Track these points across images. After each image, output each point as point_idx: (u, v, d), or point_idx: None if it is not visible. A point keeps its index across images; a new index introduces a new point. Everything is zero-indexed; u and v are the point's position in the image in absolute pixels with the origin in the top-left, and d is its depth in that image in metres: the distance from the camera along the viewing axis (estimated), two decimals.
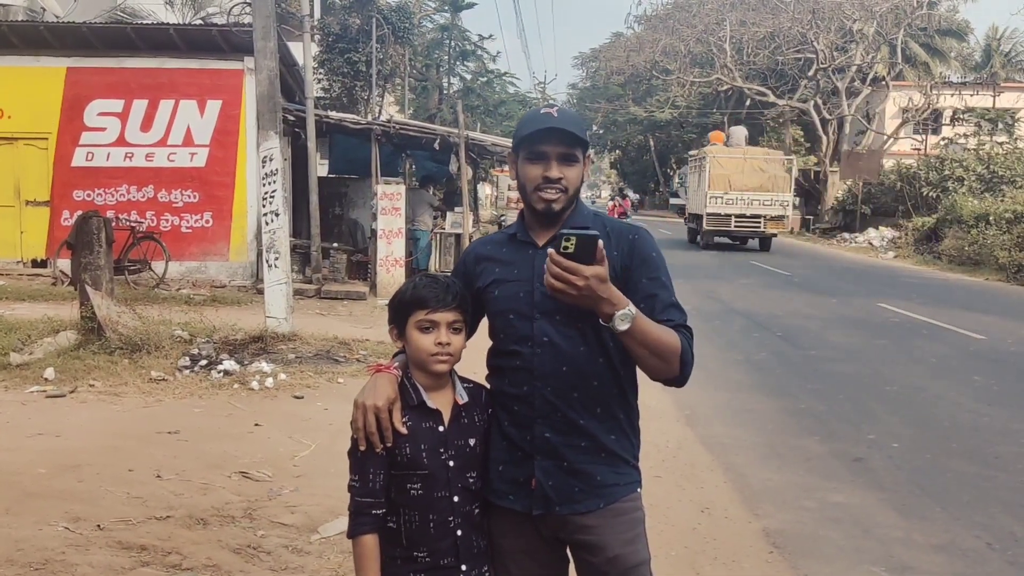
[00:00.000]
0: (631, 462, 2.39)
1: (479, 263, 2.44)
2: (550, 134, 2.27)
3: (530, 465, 2.30)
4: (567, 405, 2.28)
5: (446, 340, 2.28)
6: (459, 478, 2.31)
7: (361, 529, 2.27)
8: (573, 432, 2.29)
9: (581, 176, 2.34)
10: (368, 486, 2.26)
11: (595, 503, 2.30)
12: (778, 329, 12.06)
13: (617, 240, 2.34)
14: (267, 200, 9.58)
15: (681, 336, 2.25)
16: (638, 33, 52.53)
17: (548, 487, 2.29)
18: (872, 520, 5.13)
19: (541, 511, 2.30)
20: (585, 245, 2.02)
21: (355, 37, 22.18)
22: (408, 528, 2.28)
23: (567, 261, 2.01)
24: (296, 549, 4.36)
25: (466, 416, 2.35)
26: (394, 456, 2.26)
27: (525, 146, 2.32)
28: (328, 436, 6.27)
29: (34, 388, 7.33)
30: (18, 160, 14.41)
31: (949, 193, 27.95)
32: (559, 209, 2.31)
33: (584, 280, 2.01)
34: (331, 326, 10.59)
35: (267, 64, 9.64)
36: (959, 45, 46.31)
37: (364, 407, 2.23)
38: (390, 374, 2.32)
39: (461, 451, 2.32)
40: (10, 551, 4.13)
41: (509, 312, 2.33)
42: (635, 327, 2.11)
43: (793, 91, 41.14)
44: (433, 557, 2.29)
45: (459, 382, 2.40)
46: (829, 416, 7.51)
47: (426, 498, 2.27)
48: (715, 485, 5.67)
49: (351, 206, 17.53)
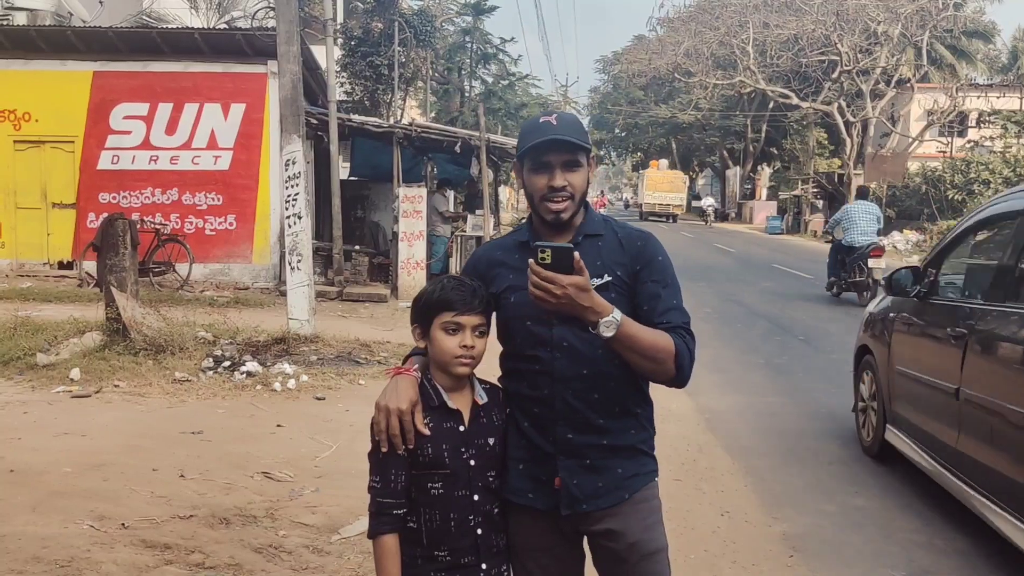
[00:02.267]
0: (649, 452, 2.46)
1: (492, 268, 2.47)
2: (552, 144, 2.31)
3: (552, 465, 2.34)
4: (587, 407, 2.32)
5: (471, 343, 2.30)
6: (480, 477, 2.34)
7: (382, 529, 2.29)
8: (594, 431, 2.34)
9: (587, 180, 2.38)
10: (390, 487, 2.28)
11: (620, 495, 2.36)
12: (800, 332, 12.00)
13: (627, 244, 2.40)
14: (290, 203, 9.65)
15: (676, 338, 2.27)
16: (660, 36, 52.39)
17: (572, 486, 2.33)
18: (893, 524, 5.10)
19: (569, 511, 2.33)
20: (561, 256, 2.10)
21: (377, 41, 22.28)
22: (429, 527, 2.30)
23: (545, 271, 2.09)
24: (317, 549, 4.40)
25: (485, 416, 2.38)
26: (416, 456, 2.28)
27: (529, 157, 2.36)
28: (349, 437, 6.32)
29: (60, 388, 7.44)
30: (45, 163, 14.61)
31: (975, 196, 27.67)
32: (568, 217, 2.36)
33: (562, 289, 2.08)
34: (353, 328, 10.65)
35: (290, 68, 9.72)
36: (985, 47, 45.83)
37: (387, 410, 2.26)
38: (411, 376, 2.34)
39: (481, 450, 2.34)
40: (36, 549, 4.19)
41: (526, 318, 2.35)
42: (621, 333, 2.16)
43: (817, 93, 40.85)
44: (454, 556, 2.31)
45: (477, 383, 2.42)
46: (851, 419, 7.45)
47: (447, 497, 2.30)
48: (735, 489, 5.65)
49: (373, 209, 17.63)
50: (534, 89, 53.79)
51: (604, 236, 2.41)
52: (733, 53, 42.17)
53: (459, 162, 17.41)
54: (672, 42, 46.10)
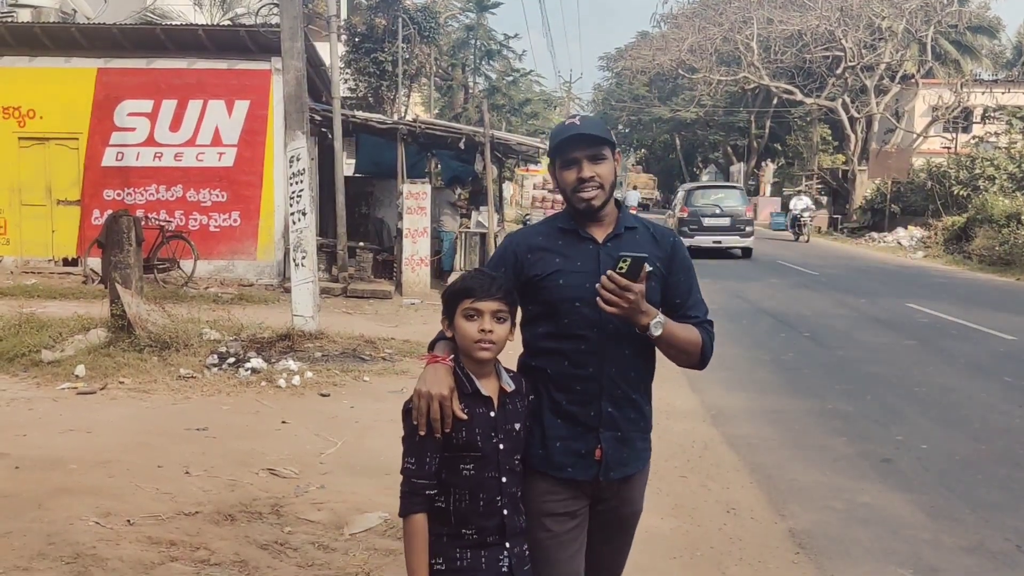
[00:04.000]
0: (651, 427, 2.76)
1: (532, 252, 2.63)
2: (576, 140, 2.56)
3: (594, 437, 2.56)
4: (626, 383, 2.59)
5: (489, 328, 2.42)
6: (508, 460, 2.47)
7: (414, 508, 2.40)
8: (628, 406, 2.61)
9: (614, 171, 2.62)
10: (424, 469, 2.40)
11: (638, 465, 2.67)
12: (806, 329, 11.97)
13: (660, 240, 2.69)
14: (294, 200, 9.64)
15: (703, 331, 2.66)
16: (664, 32, 52.30)
17: (610, 456, 2.58)
18: (900, 521, 5.08)
19: (605, 478, 2.58)
20: (636, 266, 2.37)
21: (381, 37, 22.26)
22: (458, 507, 2.43)
23: (623, 280, 2.36)
24: (323, 546, 4.39)
25: (510, 403, 2.51)
26: (450, 440, 2.40)
27: (558, 156, 2.62)
28: (354, 434, 6.31)
29: (65, 385, 7.44)
30: (49, 160, 14.61)
31: (980, 192, 27.56)
32: (599, 205, 2.58)
33: (635, 295, 2.38)
34: (357, 325, 10.65)
35: (294, 64, 9.70)
36: (990, 42, 45.66)
37: (429, 395, 2.39)
38: (447, 365, 2.47)
39: (509, 435, 2.48)
40: (42, 545, 4.19)
41: (576, 300, 2.53)
42: (666, 331, 2.50)
43: (821, 89, 40.75)
44: (480, 535, 2.43)
45: (504, 371, 2.55)
46: (857, 416, 7.45)
47: (478, 479, 2.43)
48: (741, 485, 5.64)
49: (377, 205, 17.61)
50: (537, 86, 53.68)
51: (639, 230, 2.67)
52: (737, 49, 42.10)
53: (463, 158, 17.39)
54: (676, 38, 46.02)
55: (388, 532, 4.55)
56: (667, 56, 45.52)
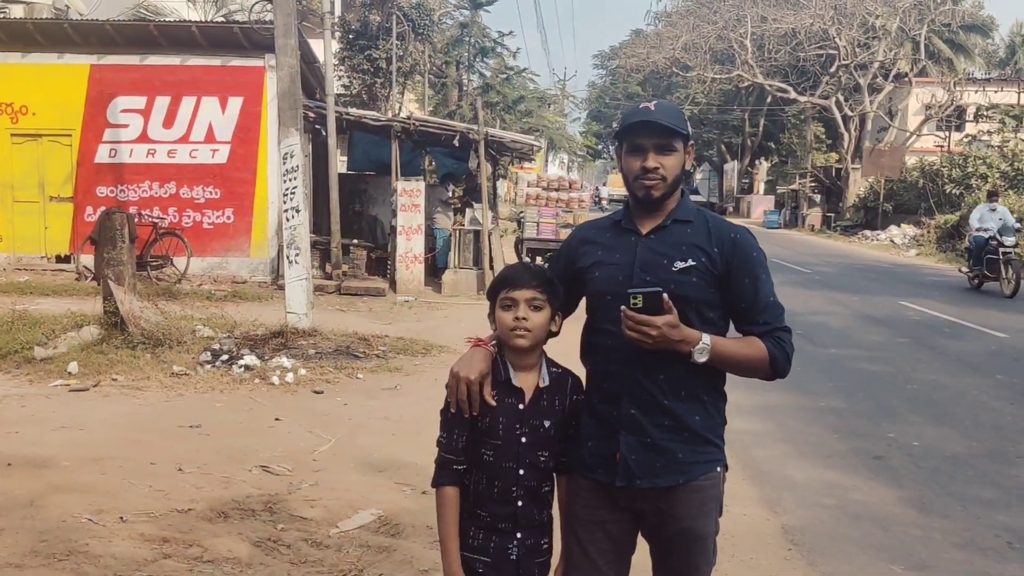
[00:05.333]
0: (714, 441, 2.50)
1: (583, 245, 2.59)
2: (645, 127, 2.42)
3: (616, 440, 2.44)
4: (654, 385, 2.41)
5: (523, 315, 2.44)
6: (529, 454, 2.47)
7: (443, 481, 2.49)
8: (657, 411, 2.42)
9: (681, 165, 2.48)
10: (452, 445, 2.47)
11: (675, 478, 2.42)
12: (799, 327, 11.92)
13: (718, 238, 2.46)
14: (288, 196, 9.63)
15: (771, 343, 2.42)
16: (658, 30, 52.34)
17: (632, 461, 2.42)
18: (892, 518, 5.10)
19: (623, 483, 2.43)
20: (652, 300, 2.27)
21: (375, 34, 22.24)
22: (476, 488, 2.48)
23: (639, 315, 2.27)
24: (315, 543, 4.39)
25: (546, 399, 2.51)
26: (476, 422, 2.46)
27: (626, 139, 2.48)
28: (348, 431, 6.31)
29: (58, 382, 7.42)
30: (42, 156, 14.56)
31: (972, 190, 27.65)
32: (658, 196, 2.45)
33: (657, 330, 2.26)
34: (351, 322, 10.65)
35: (288, 61, 9.69)
36: (983, 41, 45.79)
37: (458, 377, 2.42)
38: (486, 350, 2.49)
39: (535, 430, 2.48)
40: (34, 543, 4.18)
41: (607, 293, 2.45)
42: (714, 356, 2.34)
43: (815, 88, 40.84)
44: (493, 519, 2.47)
45: (546, 366, 2.54)
46: (849, 414, 7.48)
47: (496, 465, 2.46)
48: (733, 481, 5.57)
49: (371, 203, 17.59)
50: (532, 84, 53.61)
51: (694, 223, 2.49)
52: (731, 47, 42.18)
53: (457, 156, 17.37)
54: (670, 36, 46.07)
55: (381, 529, 4.56)
56: (661, 54, 45.56)
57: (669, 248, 2.43)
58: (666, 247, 2.43)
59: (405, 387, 7.70)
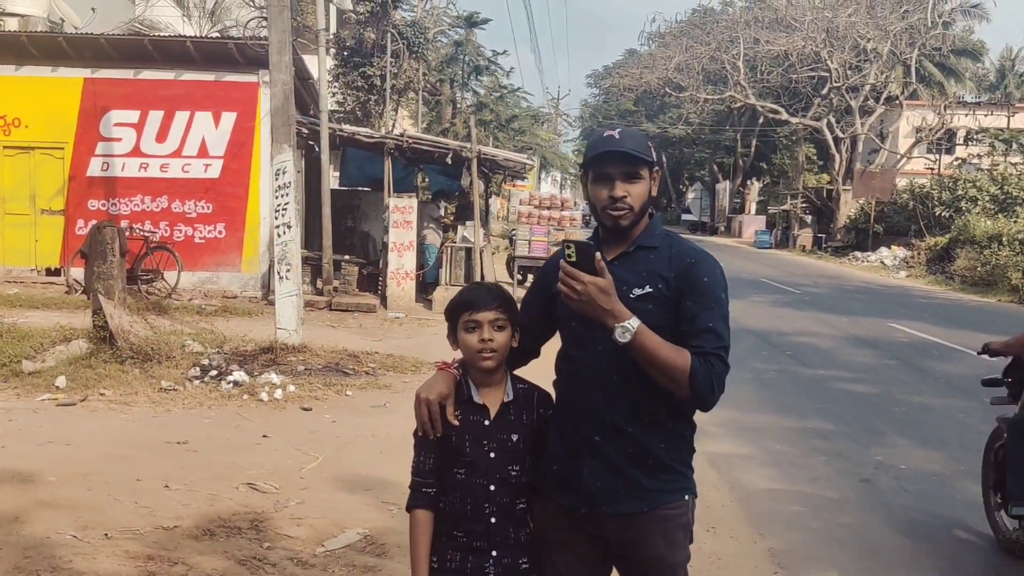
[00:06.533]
0: (680, 469, 2.46)
1: (556, 270, 2.53)
2: (611, 156, 2.41)
3: (580, 465, 2.43)
4: (615, 410, 2.39)
5: (488, 337, 2.45)
6: (499, 469, 2.48)
7: (414, 504, 2.53)
8: (620, 437, 2.40)
9: (648, 192, 2.46)
10: (422, 467, 2.52)
11: (639, 506, 2.41)
12: (788, 347, 12.04)
13: (677, 263, 2.42)
14: (279, 212, 9.63)
15: (698, 360, 2.29)
16: (652, 50, 52.66)
17: (595, 487, 2.41)
18: (879, 541, 5.11)
19: (587, 510, 2.42)
20: (583, 253, 2.24)
21: (370, 51, 22.31)
22: (451, 509, 2.50)
23: (570, 268, 2.23)
24: (301, 562, 4.38)
25: (513, 413, 2.52)
26: (444, 443, 2.48)
27: (592, 168, 2.46)
28: (335, 448, 6.29)
29: (45, 396, 7.39)
30: (34, 169, 14.53)
31: (962, 213, 27.85)
32: (627, 224, 2.44)
33: (583, 285, 2.21)
34: (341, 338, 10.63)
35: (282, 78, 9.72)
36: (974, 65, 46.23)
37: (419, 399, 2.47)
38: (449, 372, 2.52)
39: (503, 444, 2.49)
40: (18, 559, 4.16)
41: (571, 319, 2.44)
42: (636, 342, 2.24)
43: (806, 109, 41.13)
44: (468, 538, 2.48)
45: (511, 382, 2.56)
46: (837, 436, 7.49)
47: (467, 484, 2.48)
48: (721, 504, 5.65)
49: (364, 219, 17.59)
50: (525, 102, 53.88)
51: (659, 249, 2.46)
52: (724, 68, 42.44)
53: (450, 173, 17.42)
54: (663, 57, 46.35)
55: (367, 548, 4.54)
56: (655, 74, 45.83)
57: (629, 275, 2.39)
58: (627, 274, 2.39)
59: (394, 404, 7.68)
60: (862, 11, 36.90)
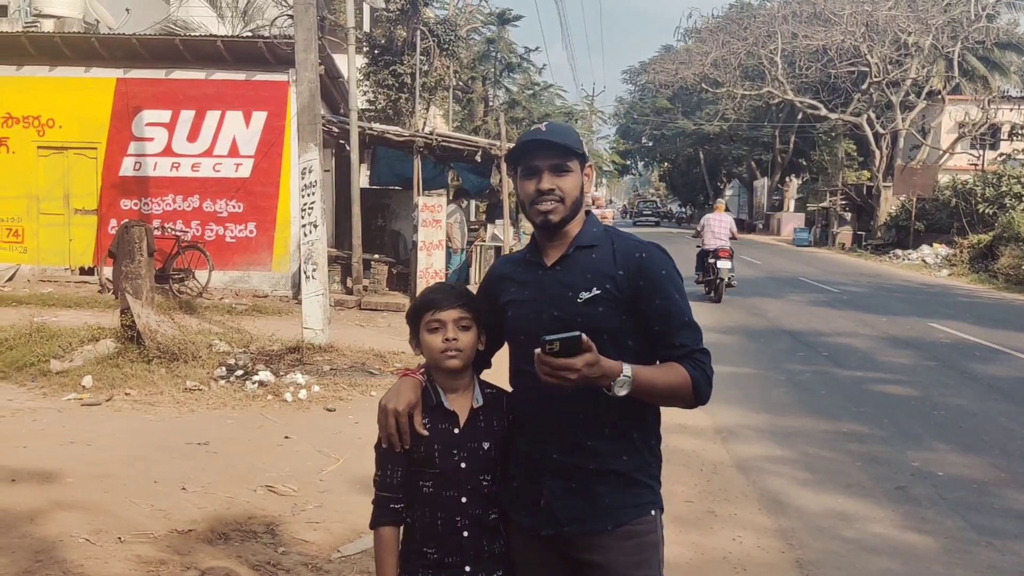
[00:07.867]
0: (645, 482, 2.36)
1: (501, 281, 2.49)
2: (538, 147, 2.33)
3: (540, 484, 2.32)
4: (574, 425, 2.28)
5: (453, 336, 2.36)
6: (470, 480, 2.37)
7: (380, 520, 2.40)
8: (580, 453, 2.29)
9: (580, 186, 2.36)
10: (387, 482, 2.39)
11: (602, 524, 2.29)
12: (824, 348, 11.77)
13: (624, 260, 2.32)
14: (306, 212, 9.61)
15: (692, 367, 2.24)
16: (688, 46, 52.21)
17: (556, 507, 2.30)
18: (912, 552, 4.91)
19: (550, 531, 2.31)
20: (570, 345, 2.05)
21: (400, 49, 22.28)
22: (421, 524, 2.38)
23: (557, 360, 2.04)
24: (315, 567, 4.30)
25: (483, 420, 2.41)
26: (411, 454, 2.37)
27: (520, 163, 2.38)
28: (357, 450, 6.21)
29: (71, 396, 7.41)
30: (68, 169, 14.70)
31: (1006, 210, 27.21)
32: (557, 220, 2.33)
33: (576, 372, 2.05)
34: (369, 338, 10.58)
35: (308, 76, 9.69)
36: (1019, 59, 45.16)
37: (386, 410, 2.33)
38: (414, 379, 2.41)
39: (474, 454, 2.38)
40: (29, 562, 4.12)
41: (520, 333, 2.36)
42: (636, 387, 2.14)
43: (846, 105, 40.46)
44: (440, 554, 2.36)
45: (479, 386, 2.46)
46: (873, 441, 7.27)
47: (436, 496, 2.36)
48: (749, 512, 5.48)
49: (394, 218, 17.59)
50: (559, 99, 53.66)
51: (599, 247, 2.36)
52: (761, 63, 41.93)
53: (480, 171, 17.35)
54: (700, 52, 45.88)
55: None
56: (691, 70, 45.39)
57: (574, 278, 2.30)
58: (571, 277, 2.31)
59: None
60: (902, 4, 36.22)
